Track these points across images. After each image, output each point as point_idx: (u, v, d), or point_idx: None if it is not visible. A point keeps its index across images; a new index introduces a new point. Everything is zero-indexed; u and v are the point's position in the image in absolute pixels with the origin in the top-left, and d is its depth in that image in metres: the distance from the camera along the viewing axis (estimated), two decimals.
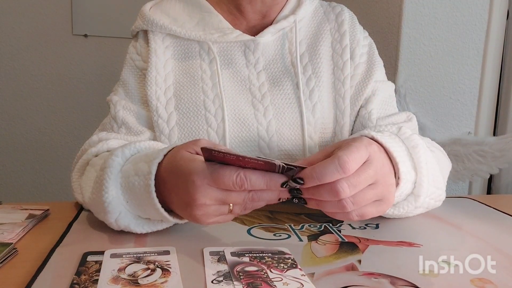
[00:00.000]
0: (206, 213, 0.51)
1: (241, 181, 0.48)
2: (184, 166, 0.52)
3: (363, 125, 0.79)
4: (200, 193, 0.50)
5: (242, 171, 0.48)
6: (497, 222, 0.67)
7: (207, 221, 0.52)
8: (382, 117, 0.79)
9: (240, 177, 0.48)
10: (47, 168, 2.24)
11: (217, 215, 0.52)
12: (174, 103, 0.77)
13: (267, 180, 0.48)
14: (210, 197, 0.50)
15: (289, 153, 0.77)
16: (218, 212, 0.51)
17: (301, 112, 0.78)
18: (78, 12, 2.21)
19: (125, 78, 0.80)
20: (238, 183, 0.48)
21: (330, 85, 0.81)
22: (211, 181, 0.49)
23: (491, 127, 1.54)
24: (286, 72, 0.80)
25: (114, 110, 0.77)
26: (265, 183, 0.48)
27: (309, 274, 0.47)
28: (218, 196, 0.50)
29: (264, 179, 0.48)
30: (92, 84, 2.25)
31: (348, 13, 0.86)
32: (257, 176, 0.48)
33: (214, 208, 0.51)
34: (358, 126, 0.80)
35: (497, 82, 1.52)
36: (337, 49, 0.82)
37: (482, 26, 1.43)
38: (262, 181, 0.48)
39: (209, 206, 0.50)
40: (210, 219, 0.52)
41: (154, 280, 0.44)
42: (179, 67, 0.79)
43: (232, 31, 0.78)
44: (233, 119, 0.76)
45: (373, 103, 0.80)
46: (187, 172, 0.51)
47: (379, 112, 0.80)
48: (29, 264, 0.49)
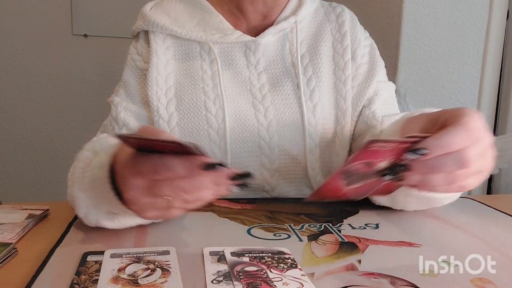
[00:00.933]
0: (140, 207, 0.48)
1: (157, 166, 0.44)
2: (119, 156, 0.50)
3: (368, 125, 0.79)
4: (126, 186, 0.47)
5: (159, 157, 0.45)
6: (497, 222, 0.67)
7: (146, 215, 0.49)
8: (385, 116, 0.79)
9: (156, 163, 0.44)
10: (47, 168, 2.25)
11: (153, 209, 0.48)
12: (175, 104, 0.77)
13: (187, 164, 0.45)
14: (136, 188, 0.47)
15: (289, 154, 0.77)
16: (154, 206, 0.48)
17: (302, 113, 0.78)
18: (78, 12, 2.21)
19: (126, 78, 0.80)
20: (155, 168, 0.44)
21: (331, 86, 0.81)
22: (133, 170, 0.46)
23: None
24: (287, 73, 0.80)
25: (115, 112, 0.77)
26: (184, 167, 0.45)
27: (309, 274, 0.47)
28: (144, 187, 0.46)
29: (183, 163, 0.45)
30: (92, 84, 2.25)
31: (348, 13, 0.86)
32: (174, 161, 0.44)
33: (147, 201, 0.48)
34: (362, 126, 0.80)
35: (497, 82, 1.52)
36: (338, 50, 0.82)
37: (482, 26, 1.43)
38: (180, 164, 0.44)
39: (139, 198, 0.47)
40: (148, 213, 0.49)
41: (154, 280, 0.44)
42: (180, 68, 0.79)
43: (233, 32, 0.78)
44: (233, 120, 0.76)
45: (376, 104, 0.80)
46: (120, 163, 0.49)
47: (382, 112, 0.80)
48: (29, 264, 0.49)
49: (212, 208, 0.70)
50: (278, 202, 0.75)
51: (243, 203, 0.73)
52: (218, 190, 0.48)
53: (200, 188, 0.47)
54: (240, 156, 0.76)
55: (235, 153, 0.76)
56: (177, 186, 0.46)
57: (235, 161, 0.76)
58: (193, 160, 0.45)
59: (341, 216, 0.68)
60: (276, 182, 0.79)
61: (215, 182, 0.47)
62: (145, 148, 0.46)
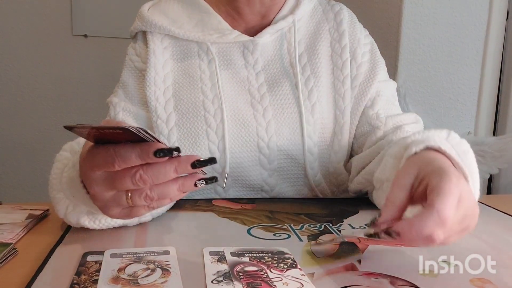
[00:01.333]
0: (104, 203, 0.47)
1: (110, 156, 0.43)
2: (81, 153, 0.49)
3: (372, 125, 0.79)
4: (87, 180, 0.46)
5: (112, 147, 0.44)
6: (497, 222, 0.67)
7: (109, 212, 0.48)
8: (389, 116, 0.79)
9: (109, 153, 0.43)
10: (47, 168, 2.21)
11: (116, 205, 0.48)
12: (173, 104, 0.77)
13: (138, 152, 0.43)
14: (97, 182, 0.46)
15: (288, 153, 0.77)
16: (116, 202, 0.47)
17: (300, 112, 0.78)
18: (78, 12, 2.21)
19: (125, 79, 0.80)
20: (109, 159, 0.43)
21: (329, 85, 0.81)
22: (90, 163, 0.45)
23: (491, 127, 1.54)
24: (285, 73, 0.80)
25: (114, 112, 0.77)
26: (136, 155, 0.43)
27: (309, 274, 0.47)
28: (104, 181, 0.46)
29: (134, 150, 0.43)
30: (92, 84, 2.25)
31: (347, 12, 0.86)
32: (126, 149, 0.43)
33: (109, 197, 0.47)
34: (366, 127, 0.80)
35: (497, 82, 1.52)
36: (336, 49, 0.82)
37: (482, 26, 1.43)
38: (132, 152, 0.43)
39: (102, 193, 0.46)
40: (111, 211, 0.48)
41: (154, 280, 0.44)
42: (178, 68, 0.79)
43: (231, 32, 0.78)
44: (232, 120, 0.76)
45: (378, 104, 0.80)
46: (80, 158, 0.48)
47: (385, 112, 0.80)
48: (29, 264, 0.49)
49: (212, 208, 0.70)
50: (278, 202, 0.75)
51: (243, 203, 0.73)
52: (184, 185, 0.47)
53: (159, 178, 0.45)
54: (239, 156, 0.76)
55: (234, 153, 0.76)
56: (135, 176, 0.44)
57: (234, 161, 0.76)
58: (145, 147, 0.43)
59: (341, 216, 0.68)
60: (275, 182, 0.79)
61: (178, 171, 0.45)
62: (101, 140, 0.45)
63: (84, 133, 0.44)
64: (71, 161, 0.55)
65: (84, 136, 0.46)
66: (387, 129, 0.78)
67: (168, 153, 0.44)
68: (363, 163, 0.78)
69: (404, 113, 0.81)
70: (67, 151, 0.58)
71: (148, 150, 0.43)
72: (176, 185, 0.47)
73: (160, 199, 0.47)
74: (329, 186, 0.82)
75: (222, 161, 0.75)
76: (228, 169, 0.75)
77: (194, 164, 0.46)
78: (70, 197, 0.54)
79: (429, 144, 0.54)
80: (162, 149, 0.43)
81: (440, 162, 0.50)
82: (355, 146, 0.82)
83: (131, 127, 0.41)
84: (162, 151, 0.43)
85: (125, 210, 0.49)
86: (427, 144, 0.55)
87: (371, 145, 0.78)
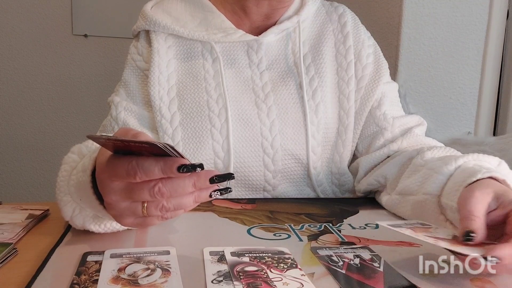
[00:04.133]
0: (119, 212, 0.47)
1: (133, 168, 0.43)
2: (97, 160, 0.49)
3: (379, 126, 0.80)
4: (104, 189, 0.46)
5: (134, 159, 0.44)
6: None
7: (123, 221, 0.48)
8: (395, 117, 0.81)
9: (131, 165, 0.43)
10: (47, 168, 2.24)
11: (131, 215, 0.47)
12: (177, 103, 0.76)
13: (162, 165, 0.43)
14: (114, 192, 0.46)
15: (292, 153, 0.77)
16: (131, 211, 0.47)
17: (304, 112, 0.78)
18: (78, 12, 2.21)
19: (127, 78, 0.80)
20: (131, 171, 0.43)
21: (333, 85, 0.81)
22: (110, 173, 0.45)
23: (491, 127, 1.54)
24: (289, 72, 0.80)
25: (116, 112, 0.76)
26: (159, 169, 0.43)
27: (309, 274, 0.47)
28: (122, 191, 0.46)
29: (158, 164, 0.43)
30: (92, 84, 2.25)
31: (350, 14, 0.87)
32: (150, 162, 0.43)
33: (124, 206, 0.47)
34: (373, 127, 0.81)
35: (497, 82, 1.52)
36: (340, 50, 0.83)
37: (482, 26, 1.43)
38: (156, 166, 0.43)
39: (118, 202, 0.46)
40: (125, 220, 0.48)
41: (154, 280, 0.44)
42: (181, 67, 0.79)
43: (235, 31, 0.78)
44: (236, 119, 0.76)
45: (385, 105, 0.81)
46: (96, 165, 0.48)
47: (391, 113, 0.81)
48: (29, 264, 0.49)
49: (212, 208, 0.70)
50: (278, 202, 0.75)
51: (243, 203, 0.73)
52: (199, 196, 0.47)
53: (178, 192, 0.45)
54: (243, 156, 0.76)
55: (238, 153, 0.76)
56: (154, 189, 0.44)
57: (238, 160, 0.76)
58: (169, 162, 0.43)
59: (341, 216, 0.68)
60: (278, 182, 0.79)
61: (196, 186, 0.45)
62: (121, 150, 0.45)
63: (108, 143, 0.44)
64: (80, 164, 0.54)
65: (102, 145, 0.45)
66: (395, 131, 0.80)
67: (192, 169, 0.44)
68: (372, 164, 0.79)
69: (409, 115, 0.83)
70: (75, 154, 0.58)
71: (172, 165, 0.43)
72: (192, 197, 0.46)
73: (176, 210, 0.47)
74: (331, 186, 0.82)
75: (226, 161, 0.75)
76: (232, 169, 0.75)
77: (213, 179, 0.45)
78: (77, 200, 0.54)
79: (495, 176, 0.56)
80: (186, 165, 0.43)
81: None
82: (360, 147, 0.82)
83: (158, 142, 0.41)
84: (186, 167, 0.43)
85: (139, 219, 0.48)
86: (493, 175, 0.56)
87: (380, 147, 0.79)
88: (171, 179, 0.45)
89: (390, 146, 0.78)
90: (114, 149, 0.46)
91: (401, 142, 0.78)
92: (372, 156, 0.79)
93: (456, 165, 0.63)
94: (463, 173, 0.60)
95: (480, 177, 0.56)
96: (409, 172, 0.71)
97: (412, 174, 0.70)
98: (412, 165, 0.71)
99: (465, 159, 0.63)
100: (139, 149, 0.44)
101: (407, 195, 0.68)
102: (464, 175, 0.59)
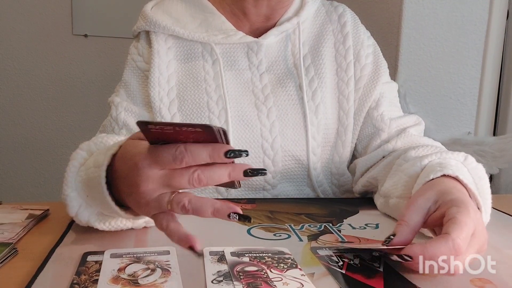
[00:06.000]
0: (147, 202, 0.47)
1: (181, 153, 0.44)
2: (129, 151, 0.49)
3: (376, 127, 0.80)
4: (142, 176, 0.46)
5: (182, 145, 0.44)
6: (497, 222, 0.67)
7: (149, 212, 0.48)
8: (392, 118, 0.80)
9: (180, 150, 0.44)
10: (47, 168, 2.25)
11: (157, 207, 0.47)
12: (177, 104, 0.77)
13: (210, 151, 0.44)
14: (153, 179, 0.46)
15: (292, 154, 0.77)
16: (158, 203, 0.47)
17: (304, 113, 0.78)
18: (78, 12, 2.21)
19: (127, 79, 0.80)
20: (179, 156, 0.44)
21: (333, 86, 0.81)
22: (151, 160, 0.45)
23: (491, 127, 1.54)
24: (289, 74, 0.80)
25: (116, 112, 0.76)
26: (207, 154, 0.44)
27: (309, 274, 0.47)
28: (161, 177, 0.46)
29: (206, 149, 0.44)
30: (92, 84, 2.25)
31: (350, 13, 0.86)
32: (198, 147, 0.44)
33: (155, 197, 0.47)
34: (370, 128, 0.81)
35: (497, 82, 1.52)
36: (340, 50, 0.82)
37: (482, 26, 1.43)
38: (204, 151, 0.44)
39: (153, 191, 0.47)
40: (151, 210, 0.48)
41: (154, 280, 0.44)
42: (182, 68, 0.79)
43: (235, 33, 0.78)
44: (236, 121, 0.76)
45: (383, 105, 0.81)
46: (131, 156, 0.48)
47: (389, 114, 0.81)
48: (29, 264, 0.49)
49: None
50: (278, 202, 0.75)
51: (243, 203, 0.73)
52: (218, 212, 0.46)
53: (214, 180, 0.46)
54: (243, 157, 0.76)
55: None
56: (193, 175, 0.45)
57: (238, 161, 0.75)
58: (218, 147, 0.45)
59: (341, 216, 0.68)
60: (277, 182, 0.79)
61: (231, 176, 0.46)
62: (163, 139, 0.45)
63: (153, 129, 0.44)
64: (90, 161, 0.55)
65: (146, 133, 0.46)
66: (391, 132, 0.80)
67: (238, 154, 0.45)
68: (367, 165, 0.79)
69: (407, 115, 0.82)
70: (84, 150, 0.58)
71: (220, 150, 0.44)
72: (212, 209, 0.46)
73: (193, 214, 0.47)
74: (330, 186, 0.82)
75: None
76: None
77: (247, 172, 0.47)
78: (84, 196, 0.55)
79: (447, 172, 0.56)
80: (233, 150, 0.44)
81: (459, 193, 0.53)
82: (358, 147, 0.83)
83: (213, 126, 0.42)
84: (234, 152, 0.45)
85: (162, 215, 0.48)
86: (445, 172, 0.57)
87: (375, 148, 0.79)
88: (208, 166, 0.46)
89: (384, 146, 0.78)
90: (153, 139, 0.46)
91: (395, 142, 0.78)
92: (368, 157, 0.79)
93: (422, 165, 0.63)
94: (423, 174, 0.60)
95: (432, 177, 0.57)
96: (390, 174, 0.71)
97: (392, 176, 0.70)
98: (394, 165, 0.72)
99: (430, 158, 0.63)
100: (187, 136, 0.44)
101: (388, 198, 0.68)
102: (422, 175, 0.60)
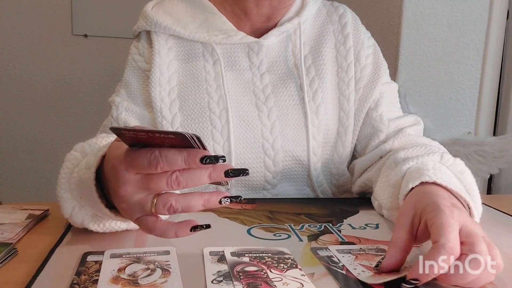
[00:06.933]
0: (129, 205, 0.47)
1: (155, 158, 0.43)
2: (110, 153, 0.49)
3: (375, 128, 0.80)
4: (119, 180, 0.46)
5: (157, 149, 0.44)
6: (497, 222, 0.67)
7: (132, 216, 0.48)
8: (391, 119, 0.80)
9: (154, 155, 0.43)
10: (47, 168, 2.25)
11: (140, 210, 0.47)
12: (178, 104, 0.76)
13: (185, 156, 0.44)
14: (130, 182, 0.45)
15: (293, 154, 0.78)
16: (140, 206, 0.46)
17: (305, 114, 0.78)
18: (78, 12, 2.21)
19: (128, 79, 0.80)
20: (153, 161, 0.43)
21: (334, 86, 0.81)
22: (127, 164, 0.45)
23: (491, 127, 1.54)
24: (290, 74, 0.80)
25: (116, 112, 0.76)
26: (182, 159, 0.44)
27: (309, 274, 0.47)
28: (138, 181, 0.45)
29: (181, 155, 0.44)
30: (92, 84, 2.25)
31: (350, 14, 0.86)
32: (173, 153, 0.44)
33: (136, 200, 0.46)
34: (369, 129, 0.81)
35: (497, 82, 1.52)
36: (340, 51, 0.82)
37: (482, 26, 1.43)
38: (179, 157, 0.44)
39: (131, 195, 0.46)
40: (134, 214, 0.47)
41: (154, 280, 0.44)
42: (182, 68, 0.79)
43: (236, 33, 0.78)
44: (237, 121, 0.76)
45: (382, 106, 0.81)
46: (111, 158, 0.48)
47: (388, 114, 0.81)
48: (29, 264, 0.49)
49: (212, 208, 0.69)
50: (278, 202, 0.75)
51: (243, 203, 0.73)
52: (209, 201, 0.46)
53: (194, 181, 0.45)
54: (244, 157, 0.76)
55: (239, 154, 0.76)
56: (171, 177, 0.44)
57: (239, 162, 0.76)
58: (193, 153, 0.44)
59: (341, 216, 0.68)
60: (277, 182, 0.79)
61: (211, 177, 0.45)
62: (140, 143, 0.45)
63: (129, 135, 0.44)
64: (83, 162, 0.54)
65: (121, 136, 0.45)
66: (389, 132, 0.80)
67: (214, 160, 0.44)
68: (365, 166, 0.79)
69: (405, 115, 0.82)
70: (77, 152, 0.57)
71: (196, 155, 0.44)
72: (202, 200, 0.46)
73: (183, 212, 0.46)
74: (330, 186, 0.82)
75: (227, 162, 0.75)
76: None
77: (228, 172, 0.45)
78: (78, 198, 0.54)
79: (424, 179, 0.56)
80: (209, 156, 0.44)
81: (434, 196, 0.52)
82: (358, 147, 0.83)
83: (186, 133, 0.41)
84: (209, 157, 0.44)
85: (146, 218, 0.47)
86: (423, 179, 0.57)
87: (373, 148, 0.79)
88: (188, 169, 0.45)
89: (382, 147, 0.78)
90: (131, 143, 0.46)
91: (392, 142, 0.77)
92: (366, 158, 0.79)
93: (402, 173, 0.63)
94: (404, 183, 0.60)
95: (412, 186, 0.57)
96: (380, 175, 0.72)
97: (380, 179, 0.71)
98: (384, 167, 0.72)
99: (409, 164, 0.63)
100: (162, 141, 0.44)
101: (381, 207, 0.69)
102: (403, 185, 0.60)
